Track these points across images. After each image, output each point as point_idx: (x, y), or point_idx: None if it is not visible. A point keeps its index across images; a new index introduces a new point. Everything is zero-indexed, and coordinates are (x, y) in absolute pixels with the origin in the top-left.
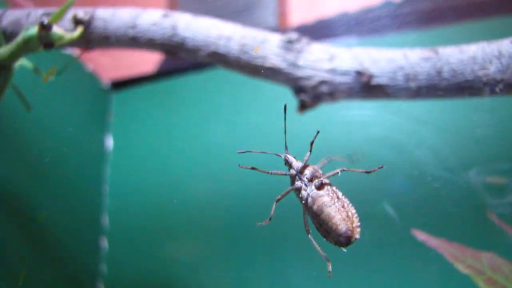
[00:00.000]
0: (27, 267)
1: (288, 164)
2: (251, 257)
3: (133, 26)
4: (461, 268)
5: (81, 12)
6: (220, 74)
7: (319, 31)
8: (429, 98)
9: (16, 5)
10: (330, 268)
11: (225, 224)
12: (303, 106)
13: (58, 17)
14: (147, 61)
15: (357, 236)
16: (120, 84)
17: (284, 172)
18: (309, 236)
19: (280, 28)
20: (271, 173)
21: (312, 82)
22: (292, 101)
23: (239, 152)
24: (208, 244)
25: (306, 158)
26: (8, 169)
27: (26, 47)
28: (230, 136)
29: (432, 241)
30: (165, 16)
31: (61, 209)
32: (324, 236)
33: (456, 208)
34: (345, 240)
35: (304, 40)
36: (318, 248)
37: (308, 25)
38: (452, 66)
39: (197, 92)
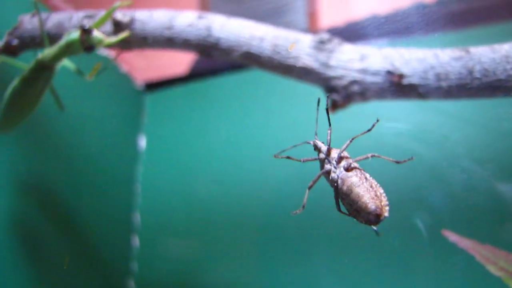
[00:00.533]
0: (61, 262)
1: (317, 149)
2: (284, 258)
3: (170, 27)
4: (493, 270)
5: (119, 14)
6: (252, 75)
7: (349, 33)
8: (460, 98)
9: (56, 9)
10: (375, 228)
11: (259, 224)
12: (334, 106)
13: (101, 23)
14: (180, 63)
15: (386, 214)
16: (154, 85)
17: (314, 158)
18: (342, 212)
19: (310, 30)
20: (303, 161)
21: (343, 82)
22: (323, 101)
23: (276, 156)
24: (241, 244)
25: (328, 137)
26: (45, 168)
27: (69, 50)
28: (262, 136)
29: (464, 242)
30: (200, 17)
31: (94, 207)
32: (355, 217)
33: (486, 205)
34: (374, 218)
35: (336, 41)
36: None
37: (338, 27)
38: (484, 65)
39: (229, 93)
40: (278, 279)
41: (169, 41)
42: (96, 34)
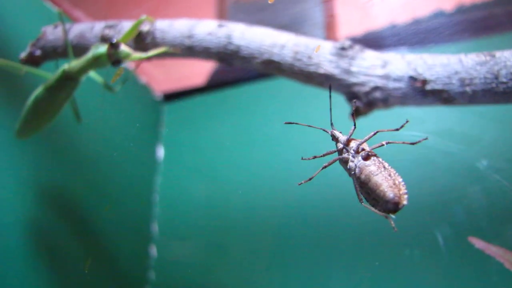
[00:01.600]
0: (79, 270)
1: (335, 139)
2: (301, 269)
3: (190, 36)
4: None
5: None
6: (270, 85)
7: (368, 43)
8: (486, 103)
9: (78, 20)
10: (392, 223)
11: (277, 233)
12: (356, 113)
13: (128, 37)
14: (198, 74)
15: (405, 202)
16: (172, 96)
17: (333, 150)
18: (363, 204)
19: (328, 40)
20: (324, 155)
21: (365, 88)
22: (345, 108)
23: (286, 123)
24: (258, 253)
25: (350, 131)
26: (64, 176)
27: (96, 63)
28: (280, 146)
29: (491, 249)
30: (220, 26)
31: (112, 216)
32: (373, 205)
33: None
34: (393, 206)
35: (357, 47)
36: (375, 211)
37: (356, 37)
38: (510, 69)
39: (246, 103)
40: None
41: (189, 50)
42: (124, 48)
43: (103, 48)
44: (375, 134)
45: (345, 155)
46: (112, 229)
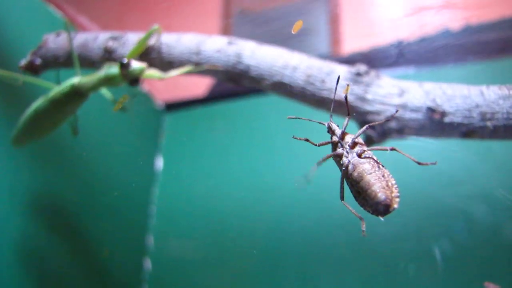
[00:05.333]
0: (72, 281)
1: (331, 132)
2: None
3: (198, 53)
4: None
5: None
6: (271, 99)
7: (373, 59)
8: (508, 139)
9: (83, 28)
10: (364, 227)
11: (279, 254)
12: (369, 142)
13: (138, 50)
14: (200, 85)
15: (396, 205)
16: (173, 106)
17: (328, 141)
18: (343, 201)
19: (333, 55)
20: (318, 145)
21: (380, 118)
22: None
23: (289, 118)
24: (256, 273)
25: (345, 124)
26: (59, 185)
27: (109, 82)
28: (281, 159)
29: None
30: (230, 43)
31: (108, 228)
32: (362, 205)
33: None
34: (383, 208)
35: (373, 73)
36: (353, 211)
37: (362, 53)
38: None
39: (247, 116)
40: None
41: (197, 67)
42: (135, 65)
43: (115, 69)
44: (367, 128)
45: (339, 149)
46: (107, 241)
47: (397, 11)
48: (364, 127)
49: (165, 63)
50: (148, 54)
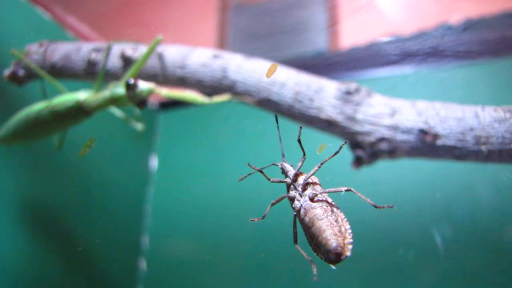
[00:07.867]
0: (65, 283)
1: (284, 173)
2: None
3: (182, 66)
4: None
5: (129, 49)
6: None
7: (371, 55)
8: (503, 163)
9: (84, 38)
10: (315, 271)
11: (273, 253)
12: (358, 162)
13: (135, 73)
14: None
15: (348, 253)
16: (167, 105)
17: (281, 179)
18: (296, 245)
19: (331, 49)
20: (271, 181)
21: (370, 139)
22: (347, 154)
23: (240, 180)
24: (252, 272)
25: (299, 164)
26: (54, 186)
27: (114, 103)
28: (275, 160)
29: None
30: (215, 56)
31: (103, 228)
32: (315, 251)
33: None
34: (334, 256)
35: (364, 91)
36: (304, 254)
37: (360, 48)
38: None
39: (242, 114)
40: None
41: (181, 81)
42: (142, 85)
43: (121, 90)
44: (319, 167)
45: (292, 192)
46: (102, 242)
47: (396, 5)
48: (317, 166)
49: (149, 76)
50: (129, 66)
